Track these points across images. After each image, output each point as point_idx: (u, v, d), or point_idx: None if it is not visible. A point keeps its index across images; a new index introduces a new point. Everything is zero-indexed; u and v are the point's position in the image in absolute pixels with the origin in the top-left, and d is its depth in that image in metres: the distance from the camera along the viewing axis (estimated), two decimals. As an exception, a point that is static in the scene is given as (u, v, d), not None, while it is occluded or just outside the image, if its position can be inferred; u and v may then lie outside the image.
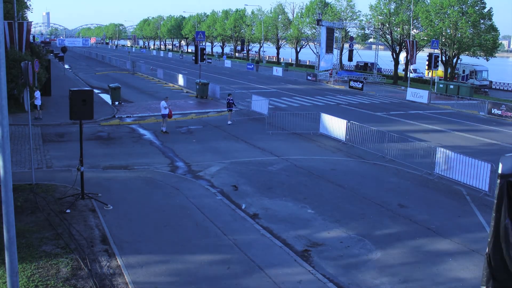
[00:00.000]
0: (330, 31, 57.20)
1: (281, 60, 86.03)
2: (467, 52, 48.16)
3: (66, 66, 60.71)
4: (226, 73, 61.37)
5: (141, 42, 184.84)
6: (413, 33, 52.05)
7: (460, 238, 11.73)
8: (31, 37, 39.33)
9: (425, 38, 50.19)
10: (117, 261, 9.81)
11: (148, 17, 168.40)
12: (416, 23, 54.04)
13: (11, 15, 28.05)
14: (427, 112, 32.65)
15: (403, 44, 54.92)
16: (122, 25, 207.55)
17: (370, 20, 58.78)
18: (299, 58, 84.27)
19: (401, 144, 19.38)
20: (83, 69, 61.93)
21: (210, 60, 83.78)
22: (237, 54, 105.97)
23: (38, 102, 24.60)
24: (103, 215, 12.23)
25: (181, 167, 17.42)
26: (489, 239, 6.17)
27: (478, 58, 49.71)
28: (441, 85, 44.55)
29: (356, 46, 62.39)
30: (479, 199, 14.63)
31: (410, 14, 51.12)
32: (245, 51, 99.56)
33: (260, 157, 18.94)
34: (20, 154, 18.02)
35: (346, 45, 62.33)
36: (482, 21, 47.08)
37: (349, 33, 64.47)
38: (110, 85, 32.10)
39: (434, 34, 47.00)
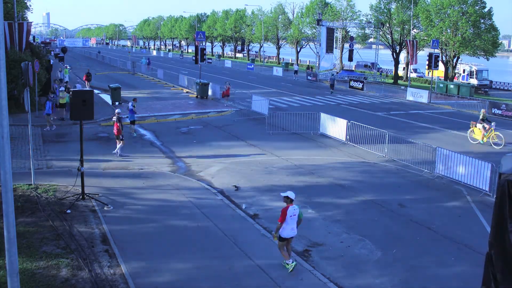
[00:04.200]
0: (330, 31, 57.21)
1: (281, 60, 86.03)
2: (467, 52, 48.12)
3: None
4: (226, 73, 61.36)
5: (141, 42, 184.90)
6: (413, 32, 52.03)
7: (461, 237, 11.72)
8: (31, 38, 39.38)
9: (425, 38, 50.16)
10: (117, 262, 9.80)
11: (148, 17, 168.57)
12: (416, 23, 54.02)
13: (11, 15, 28.06)
14: (427, 112, 32.64)
15: (403, 44, 54.92)
16: (122, 25, 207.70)
17: (370, 20, 58.77)
18: (299, 58, 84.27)
19: (401, 144, 19.38)
20: (84, 70, 61.83)
21: (210, 60, 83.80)
22: (237, 54, 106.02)
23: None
24: (104, 215, 12.23)
25: (181, 167, 17.42)
26: (489, 239, 6.16)
27: (478, 57, 49.67)
28: (441, 85, 44.53)
29: (356, 46, 62.36)
30: (480, 198, 14.62)
31: (410, 14, 51.10)
32: (245, 51, 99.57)
33: (260, 157, 18.94)
34: (20, 154, 18.02)
35: (346, 45, 62.33)
36: (482, 21, 47.04)
37: (349, 33, 64.45)
38: (111, 85, 32.11)
39: (434, 34, 46.99)
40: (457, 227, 12.45)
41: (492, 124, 22.28)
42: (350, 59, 58.00)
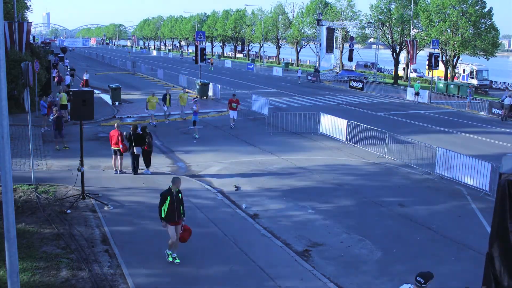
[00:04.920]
0: (330, 31, 57.20)
1: (282, 60, 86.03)
2: (467, 52, 48.11)
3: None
4: (226, 73, 61.34)
5: (141, 43, 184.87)
6: (413, 32, 52.02)
7: (461, 237, 11.72)
8: (31, 38, 39.34)
9: (425, 38, 50.16)
10: (117, 262, 9.80)
11: (148, 18, 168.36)
12: (416, 23, 54.01)
13: (11, 15, 28.07)
14: (427, 112, 32.63)
15: (403, 43, 54.89)
16: (122, 25, 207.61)
17: (370, 20, 58.77)
18: (299, 58, 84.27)
19: (401, 144, 19.38)
20: (84, 70, 61.87)
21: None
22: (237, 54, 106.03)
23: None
24: (104, 215, 12.23)
25: (181, 167, 17.41)
26: (490, 239, 6.16)
27: (478, 57, 49.67)
28: (441, 85, 44.52)
29: (356, 45, 62.34)
30: (480, 198, 14.62)
31: (410, 13, 51.08)
32: (245, 51, 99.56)
33: (260, 157, 18.94)
34: (20, 154, 18.01)
35: (346, 45, 62.33)
36: (482, 21, 47.01)
37: (349, 33, 64.45)
38: (111, 85, 32.12)
39: (435, 34, 46.97)
40: (457, 227, 12.45)
41: None
42: (350, 59, 57.99)
